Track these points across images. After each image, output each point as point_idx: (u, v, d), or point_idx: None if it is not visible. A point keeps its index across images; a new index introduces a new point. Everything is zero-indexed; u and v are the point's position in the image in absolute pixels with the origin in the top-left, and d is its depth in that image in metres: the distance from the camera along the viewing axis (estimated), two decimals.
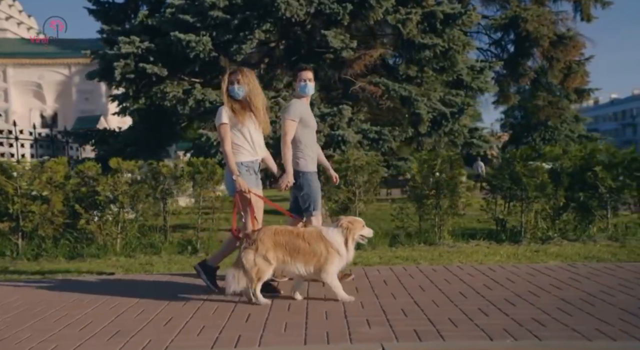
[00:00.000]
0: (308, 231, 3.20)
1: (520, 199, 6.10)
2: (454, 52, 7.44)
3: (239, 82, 3.33)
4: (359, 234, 3.25)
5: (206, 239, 6.00)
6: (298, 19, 6.36)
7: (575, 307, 2.94)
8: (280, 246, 3.09)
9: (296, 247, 3.10)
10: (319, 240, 3.12)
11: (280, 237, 3.12)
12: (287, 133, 3.55)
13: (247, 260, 3.06)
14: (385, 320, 2.77)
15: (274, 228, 3.20)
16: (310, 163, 3.64)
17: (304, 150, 3.61)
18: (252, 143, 3.36)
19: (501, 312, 2.88)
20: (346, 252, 3.16)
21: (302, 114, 3.61)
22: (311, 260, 3.10)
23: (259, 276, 3.07)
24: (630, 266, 4.16)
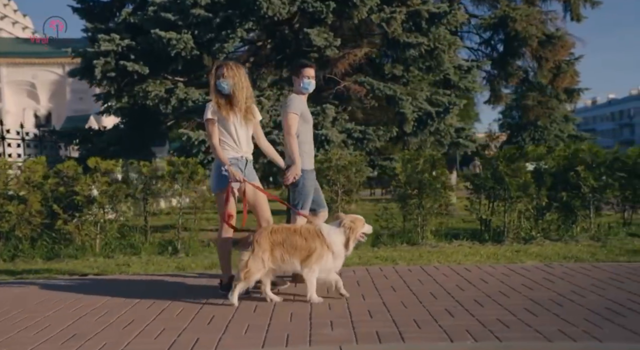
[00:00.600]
0: (306, 228, 3.16)
1: (503, 198, 6.08)
2: (439, 52, 7.41)
3: (224, 76, 3.27)
4: (360, 232, 3.21)
5: (187, 240, 5.95)
6: (281, 17, 6.32)
7: (543, 308, 2.91)
8: (278, 245, 3.06)
9: (294, 244, 3.07)
10: (316, 237, 3.10)
11: (277, 236, 3.09)
12: (292, 126, 3.51)
13: (241, 259, 3.05)
14: (350, 322, 2.73)
15: (271, 227, 3.17)
16: (307, 160, 3.59)
17: (302, 147, 3.57)
18: (237, 139, 3.31)
19: (468, 313, 2.84)
20: (344, 251, 3.14)
21: (301, 109, 3.58)
22: (305, 255, 3.07)
23: (246, 277, 3.03)
24: (606, 266, 4.14)
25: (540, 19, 10.53)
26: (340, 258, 3.17)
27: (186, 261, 5.23)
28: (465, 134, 8.27)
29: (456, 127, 8.06)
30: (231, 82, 3.28)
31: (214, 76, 3.29)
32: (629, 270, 3.90)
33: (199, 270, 4.59)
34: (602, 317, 2.70)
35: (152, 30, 6.06)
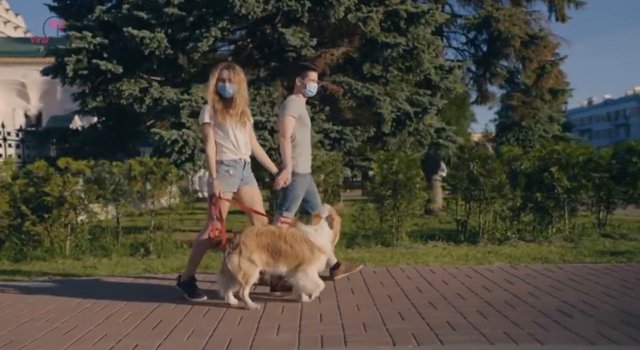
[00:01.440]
0: (290, 233, 3.11)
1: (478, 199, 6.07)
2: (419, 52, 7.38)
3: (230, 81, 3.20)
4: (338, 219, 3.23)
5: (159, 241, 5.88)
6: (255, 16, 6.26)
7: (495, 310, 2.88)
8: (264, 248, 3.02)
9: (278, 249, 3.03)
10: (302, 243, 3.06)
11: (263, 238, 3.04)
12: (287, 129, 3.47)
13: (232, 264, 2.99)
14: (298, 326, 2.69)
15: (256, 229, 3.12)
16: (302, 164, 3.56)
17: (298, 150, 3.54)
18: (235, 142, 3.26)
19: (419, 316, 2.81)
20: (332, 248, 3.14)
21: (300, 111, 3.54)
22: (293, 262, 3.03)
23: (246, 280, 2.99)
24: (570, 267, 4.13)
25: (524, 19, 10.52)
26: (329, 255, 3.16)
27: (156, 263, 5.16)
28: (445, 135, 8.25)
29: (436, 127, 8.04)
30: (236, 87, 3.23)
31: (217, 78, 3.20)
32: (591, 272, 3.89)
33: (166, 273, 4.53)
34: (552, 320, 2.68)
35: (124, 28, 5.98)
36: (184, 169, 6.26)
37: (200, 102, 6.45)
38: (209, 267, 4.77)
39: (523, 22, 10.39)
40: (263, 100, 6.90)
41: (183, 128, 6.32)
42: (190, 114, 6.44)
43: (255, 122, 6.55)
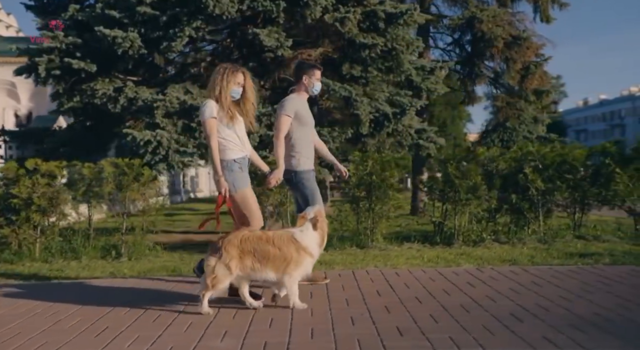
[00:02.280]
0: (278, 235, 3.05)
1: (454, 201, 6.06)
2: (398, 52, 7.35)
3: (241, 85, 3.22)
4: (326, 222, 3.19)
5: (131, 243, 5.81)
6: (230, 16, 6.21)
7: (448, 315, 2.85)
8: (249, 254, 2.94)
9: (265, 253, 2.96)
10: (290, 244, 3.00)
11: (247, 245, 2.96)
12: (281, 129, 3.44)
13: (207, 266, 2.94)
14: (245, 332, 2.64)
15: (240, 235, 3.03)
16: (304, 161, 3.50)
17: (296, 148, 3.48)
18: (241, 138, 3.26)
19: (370, 321, 2.77)
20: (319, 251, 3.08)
21: (298, 110, 3.48)
22: (281, 265, 2.97)
23: (214, 284, 2.92)
24: (535, 269, 4.12)
25: (508, 20, 10.53)
26: (315, 258, 3.11)
27: (125, 266, 5.10)
28: (426, 136, 8.23)
29: (417, 128, 8.02)
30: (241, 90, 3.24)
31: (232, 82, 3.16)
32: (555, 274, 3.88)
33: (132, 276, 4.47)
34: (501, 324, 2.65)
35: (95, 27, 5.90)
36: (157, 169, 6.19)
37: (176, 103, 6.39)
38: (176, 270, 4.72)
39: (507, 23, 10.40)
40: None
41: (157, 128, 6.25)
42: (165, 114, 6.38)
43: None
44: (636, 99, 51.23)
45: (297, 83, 3.63)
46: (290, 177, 3.48)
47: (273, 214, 6.44)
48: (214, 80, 3.20)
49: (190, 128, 6.40)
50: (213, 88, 3.19)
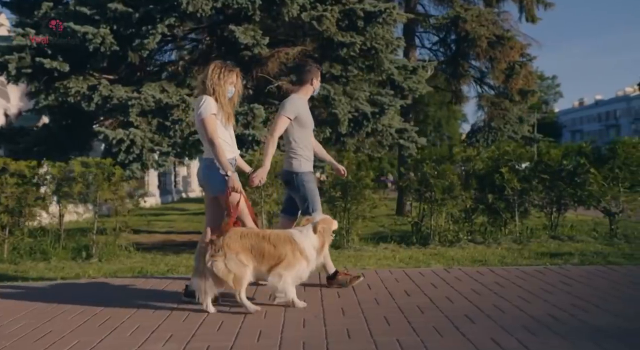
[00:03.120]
0: (275, 233, 3.00)
1: (430, 201, 6.03)
2: (377, 51, 7.31)
3: (234, 85, 3.17)
4: (331, 232, 3.09)
5: (102, 244, 5.72)
6: (204, 14, 6.13)
7: (396, 318, 2.78)
8: (247, 250, 2.88)
9: (261, 251, 2.89)
10: (286, 243, 2.92)
11: (246, 240, 2.90)
12: (277, 129, 3.39)
13: (218, 270, 2.81)
14: (190, 335, 2.58)
15: (240, 231, 2.97)
16: (304, 163, 3.45)
17: (297, 150, 3.43)
18: (232, 141, 3.22)
19: (316, 325, 2.71)
20: (317, 257, 3.00)
21: (299, 112, 3.43)
22: (274, 263, 2.89)
23: (239, 282, 2.83)
24: (503, 270, 4.08)
25: (492, 20, 10.54)
26: (313, 263, 3.01)
27: (93, 267, 5.02)
28: (407, 135, 8.20)
29: (397, 128, 7.99)
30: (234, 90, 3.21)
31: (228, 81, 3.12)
32: (521, 275, 3.84)
33: (97, 277, 4.39)
34: (452, 325, 2.61)
35: (65, 24, 5.80)
36: (131, 169, 6.10)
37: (151, 101, 6.31)
38: (143, 271, 4.65)
39: (491, 23, 10.40)
40: None
41: (131, 127, 6.16)
42: (140, 112, 6.29)
43: None
44: (631, 99, 51.60)
45: (302, 84, 3.57)
46: (291, 178, 3.42)
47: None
48: (210, 79, 3.11)
49: (165, 127, 6.31)
50: (209, 86, 3.10)
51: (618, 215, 5.85)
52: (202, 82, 3.16)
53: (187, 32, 8.19)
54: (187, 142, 6.25)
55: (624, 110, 52.97)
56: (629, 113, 52.00)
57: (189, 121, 6.23)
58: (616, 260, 4.43)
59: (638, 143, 5.80)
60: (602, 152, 5.95)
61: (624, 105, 53.00)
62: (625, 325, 2.57)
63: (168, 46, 8.70)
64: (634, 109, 51.59)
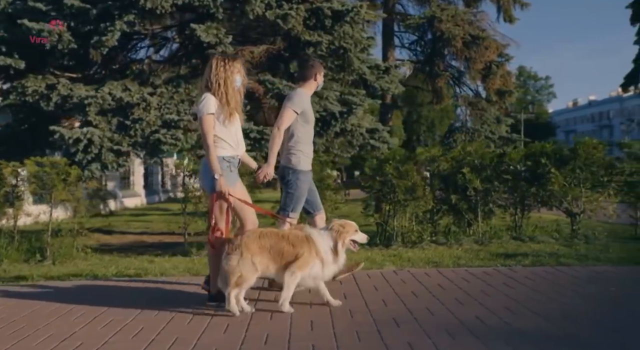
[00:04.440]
0: (294, 233, 2.96)
1: (392, 202, 5.98)
2: (346, 50, 7.26)
3: (240, 74, 3.06)
4: (350, 238, 3.01)
5: (57, 246, 5.59)
6: (164, 11, 6.02)
7: (323, 322, 2.72)
8: (265, 250, 2.84)
9: (280, 251, 2.85)
10: (304, 243, 2.89)
11: (265, 241, 2.86)
12: (284, 122, 3.29)
13: (230, 266, 2.80)
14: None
15: (259, 231, 2.94)
16: (304, 161, 3.38)
17: (298, 146, 3.35)
18: (235, 138, 3.10)
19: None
20: (334, 258, 2.94)
21: (305, 107, 3.35)
22: (290, 262, 2.85)
23: (239, 283, 2.80)
24: (451, 272, 4.04)
25: (468, 20, 10.54)
26: (330, 265, 2.95)
27: (42, 269, 4.88)
28: (378, 136, 8.16)
29: (367, 128, 7.94)
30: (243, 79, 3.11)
31: (235, 70, 3.02)
32: (467, 276, 3.81)
33: (38, 280, 4.27)
34: (375, 329, 2.55)
35: (18, 20, 5.66)
36: (89, 169, 5.97)
37: (110, 100, 6.19)
38: (91, 274, 4.53)
39: (467, 23, 10.40)
40: (181, 98, 6.67)
41: (90, 126, 6.04)
42: (99, 111, 6.16)
43: (169, 121, 6.32)
44: (624, 100, 52.10)
45: (306, 80, 3.49)
46: (287, 174, 3.35)
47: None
48: (216, 73, 2.99)
49: (125, 126, 6.19)
50: (215, 81, 2.98)
51: (579, 215, 5.85)
52: (207, 79, 3.05)
53: (160, 31, 8.08)
54: (148, 141, 6.14)
55: (617, 110, 53.41)
56: (621, 113, 52.43)
57: (149, 120, 6.12)
58: (568, 261, 4.41)
59: (598, 144, 5.80)
60: (563, 153, 5.94)
61: (617, 105, 53.46)
62: (549, 328, 2.54)
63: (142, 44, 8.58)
64: (626, 110, 52.07)
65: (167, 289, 3.66)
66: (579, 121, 60.63)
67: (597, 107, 57.25)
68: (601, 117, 56.47)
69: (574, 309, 2.87)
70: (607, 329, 2.52)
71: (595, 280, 3.58)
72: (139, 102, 6.07)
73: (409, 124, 33.94)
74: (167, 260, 5.31)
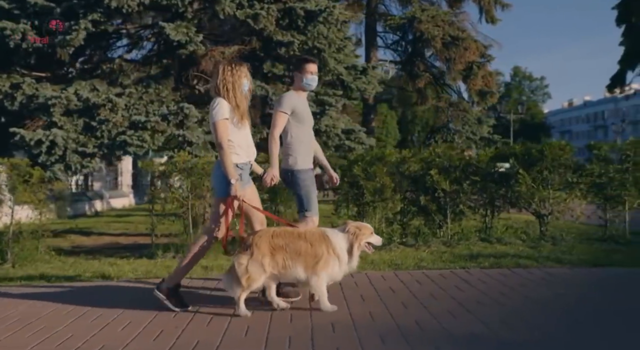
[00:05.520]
0: (310, 232, 2.96)
1: (361, 203, 5.95)
2: (320, 51, 7.21)
3: (247, 78, 3.11)
4: (365, 241, 2.99)
5: (19, 248, 5.48)
6: (130, 10, 5.94)
7: (259, 328, 2.68)
8: (280, 249, 2.83)
9: (297, 250, 2.84)
10: (322, 241, 2.88)
11: (279, 240, 2.86)
12: (277, 126, 3.27)
13: (239, 265, 2.80)
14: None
15: (271, 230, 2.93)
16: (302, 160, 3.33)
17: (293, 146, 3.32)
18: (247, 142, 3.13)
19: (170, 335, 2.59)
20: (348, 259, 2.91)
21: (295, 107, 3.31)
22: (311, 262, 2.85)
23: (249, 284, 2.79)
24: (407, 274, 4.02)
25: (448, 21, 10.56)
26: (345, 265, 2.93)
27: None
28: (354, 136, 8.13)
29: (343, 128, 7.90)
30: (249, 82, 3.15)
31: (242, 75, 3.07)
32: (422, 278, 3.78)
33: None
34: (310, 336, 2.50)
35: None
36: (53, 171, 5.87)
37: (76, 100, 6.09)
38: (45, 277, 4.44)
39: (447, 24, 10.41)
40: (150, 99, 6.59)
41: (54, 127, 5.93)
42: (65, 112, 6.06)
43: (136, 122, 6.23)
44: (618, 100, 52.32)
45: (294, 80, 3.51)
46: (287, 176, 3.34)
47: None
48: (224, 78, 3.03)
49: (91, 127, 6.10)
50: (223, 86, 3.02)
51: (547, 217, 5.85)
52: (215, 85, 3.08)
53: (138, 30, 7.98)
54: (114, 143, 6.05)
55: (612, 111, 53.58)
56: (616, 114, 52.64)
57: (116, 121, 6.03)
58: (527, 263, 4.40)
59: (565, 145, 5.80)
60: (532, 154, 5.93)
61: (612, 106, 53.73)
62: (484, 333, 2.51)
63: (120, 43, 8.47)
64: (621, 111, 52.36)
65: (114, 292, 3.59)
66: (574, 121, 60.86)
67: (592, 107, 57.42)
68: (596, 118, 56.71)
69: (515, 313, 2.85)
70: (540, 333, 2.50)
71: (546, 283, 3.56)
72: (104, 103, 5.98)
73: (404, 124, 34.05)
74: (129, 263, 5.24)
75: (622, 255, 4.89)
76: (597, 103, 56.76)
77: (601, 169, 6.03)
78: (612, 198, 5.87)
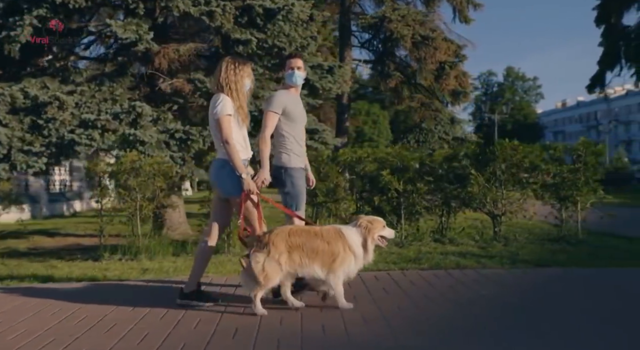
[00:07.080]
0: (326, 230, 2.98)
1: (314, 204, 5.89)
2: (280, 49, 7.11)
3: (250, 77, 3.12)
4: (378, 234, 2.98)
5: None
6: (77, 6, 5.79)
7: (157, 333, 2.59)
8: (297, 248, 2.83)
9: (314, 248, 2.84)
10: (338, 239, 2.89)
11: (296, 238, 2.85)
12: (267, 126, 3.26)
13: (256, 264, 2.79)
14: None
15: (288, 228, 2.93)
16: (295, 158, 3.31)
17: (286, 145, 3.29)
18: (246, 142, 3.15)
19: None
20: (364, 253, 2.92)
21: (285, 105, 3.26)
22: (328, 261, 2.85)
23: (265, 282, 2.79)
24: None
25: (419, 21, 10.53)
26: (361, 261, 2.94)
27: None
28: (318, 136, 8.05)
29: (306, 128, 7.78)
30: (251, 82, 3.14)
31: (246, 74, 3.07)
32: (352, 281, 3.68)
33: None
34: (194, 345, 2.42)
35: None
36: None
37: (21, 98, 5.92)
38: None
39: (418, 23, 10.38)
40: (103, 97, 6.43)
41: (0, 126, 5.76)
42: (10, 110, 5.89)
43: (86, 121, 6.08)
44: (611, 101, 52.73)
45: (284, 79, 3.49)
46: (280, 173, 3.28)
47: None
48: (226, 76, 3.01)
49: (38, 126, 5.93)
50: (226, 83, 3.00)
51: (500, 217, 5.84)
52: (217, 82, 3.05)
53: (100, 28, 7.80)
54: (63, 142, 5.89)
55: (605, 111, 54.02)
56: (609, 114, 53.11)
57: (64, 119, 5.87)
58: (466, 263, 4.37)
59: (518, 145, 5.79)
60: (484, 154, 5.91)
61: (604, 106, 54.21)
62: (387, 339, 2.45)
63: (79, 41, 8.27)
64: (613, 111, 52.78)
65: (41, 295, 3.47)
66: (568, 122, 61.30)
67: (585, 107, 57.83)
68: (589, 118, 57.18)
69: (428, 317, 2.80)
70: (446, 338, 2.45)
71: (475, 284, 3.53)
72: (51, 101, 5.82)
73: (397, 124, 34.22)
74: (71, 265, 5.12)
75: (567, 255, 4.89)
76: (590, 103, 57.23)
77: (556, 169, 6.04)
78: (565, 198, 5.89)
